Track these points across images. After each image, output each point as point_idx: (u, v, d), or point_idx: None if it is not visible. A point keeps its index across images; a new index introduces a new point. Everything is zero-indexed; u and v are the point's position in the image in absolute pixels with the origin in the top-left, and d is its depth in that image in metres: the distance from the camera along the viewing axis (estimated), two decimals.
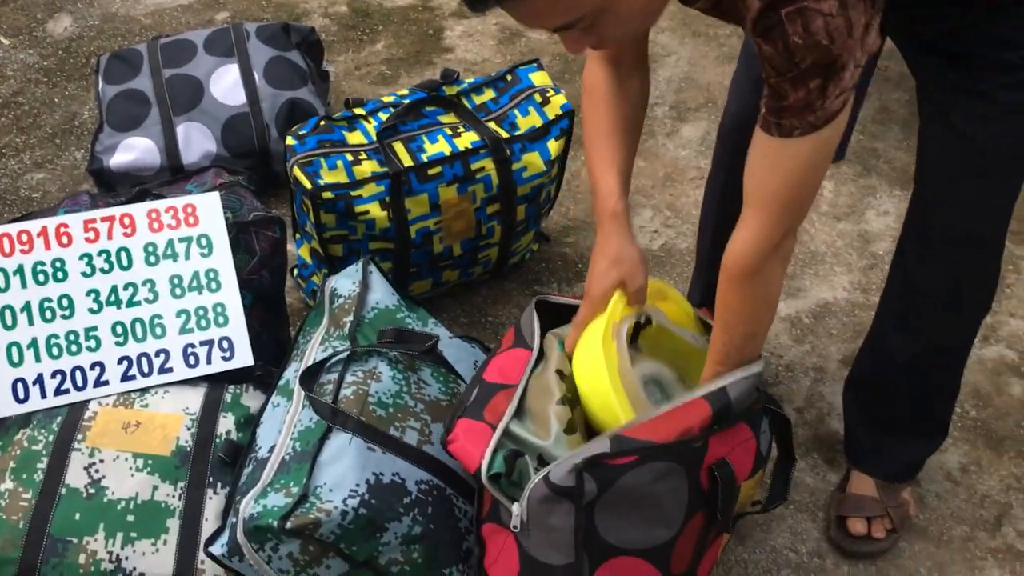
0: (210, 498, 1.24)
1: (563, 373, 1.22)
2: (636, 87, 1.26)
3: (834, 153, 1.03)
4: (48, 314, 1.35)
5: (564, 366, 1.23)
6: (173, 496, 1.23)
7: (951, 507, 1.53)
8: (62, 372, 1.34)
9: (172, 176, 1.85)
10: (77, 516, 1.20)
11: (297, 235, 1.76)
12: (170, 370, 1.37)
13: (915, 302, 1.33)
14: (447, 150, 1.63)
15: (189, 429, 1.29)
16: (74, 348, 1.35)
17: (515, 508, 1.11)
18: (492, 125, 1.69)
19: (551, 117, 1.71)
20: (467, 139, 1.65)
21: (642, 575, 1.15)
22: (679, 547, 1.17)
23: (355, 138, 1.65)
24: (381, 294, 1.43)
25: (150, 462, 1.25)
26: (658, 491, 1.12)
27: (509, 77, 1.77)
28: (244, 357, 1.40)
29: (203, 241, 1.42)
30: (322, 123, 1.66)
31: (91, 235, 1.39)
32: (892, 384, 1.41)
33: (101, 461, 1.24)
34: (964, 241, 1.25)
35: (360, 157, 1.62)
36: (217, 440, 1.28)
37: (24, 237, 1.36)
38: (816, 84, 0.93)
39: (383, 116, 1.68)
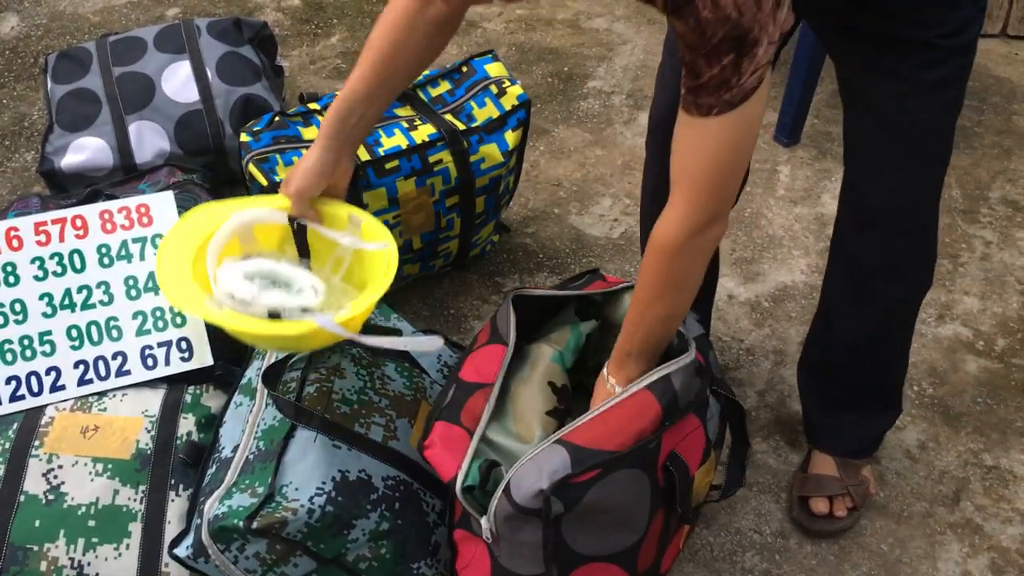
0: (172, 500, 1.23)
1: (556, 385, 1.22)
2: (432, 25, 1.23)
3: (758, 133, 1.03)
4: (0, 319, 1.33)
5: (557, 378, 1.23)
6: (134, 500, 1.22)
7: (910, 484, 1.56)
8: (17, 378, 1.31)
9: (125, 176, 1.83)
10: (37, 523, 1.19)
11: None
12: (128, 372, 1.35)
13: (858, 281, 1.35)
14: (404, 143, 1.62)
15: (149, 431, 1.27)
16: (28, 353, 1.33)
17: (484, 522, 1.11)
18: (449, 117, 1.69)
19: (508, 108, 1.71)
20: (424, 132, 1.65)
21: None
22: (645, 546, 1.18)
23: (310, 133, 1.63)
24: None
25: (110, 466, 1.23)
26: (623, 499, 1.13)
27: (465, 68, 1.76)
28: (203, 357, 1.38)
29: (157, 241, 1.40)
30: (277, 119, 1.64)
31: (42, 238, 1.36)
32: (843, 362, 1.43)
33: (60, 467, 1.23)
34: (899, 218, 1.28)
35: None
36: (178, 442, 1.27)
37: None
38: (730, 60, 0.93)
39: None
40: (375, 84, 1.25)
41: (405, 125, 1.65)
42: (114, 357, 1.35)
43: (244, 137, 1.61)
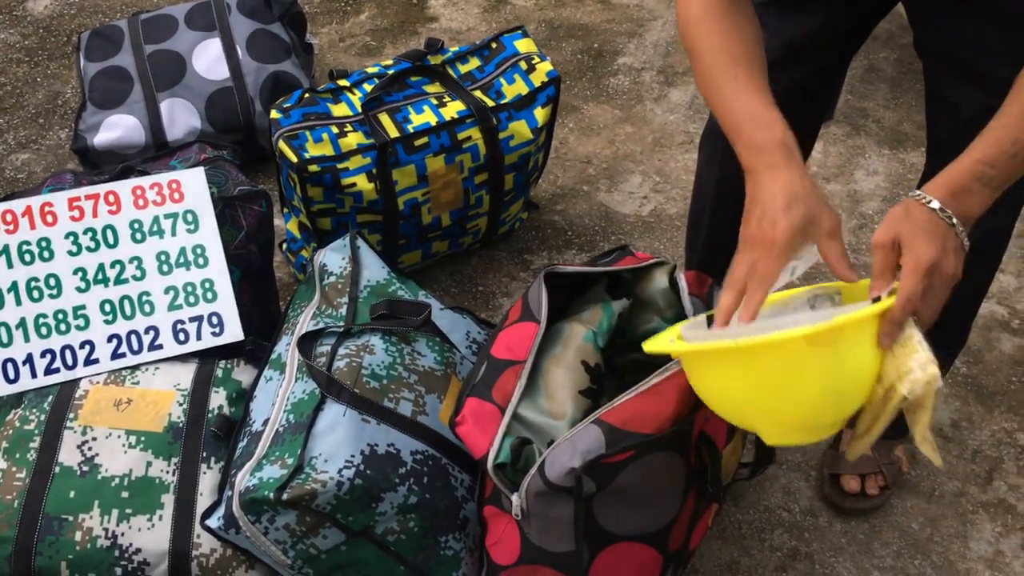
0: (204, 473, 1.24)
1: (589, 364, 1.21)
2: (749, 14, 1.08)
3: None
4: (35, 294, 1.34)
5: (591, 358, 1.21)
6: (167, 472, 1.23)
7: (943, 463, 1.54)
8: (52, 351, 1.33)
9: (157, 152, 1.84)
10: (72, 494, 1.20)
11: (284, 209, 1.75)
12: (160, 347, 1.36)
13: None
14: (433, 120, 1.62)
15: (181, 405, 1.29)
16: (63, 327, 1.34)
17: (515, 498, 1.11)
18: (478, 94, 1.68)
19: (537, 85, 1.70)
20: (453, 109, 1.64)
21: (641, 557, 1.16)
22: (676, 526, 1.18)
23: (340, 110, 1.64)
24: (372, 271, 1.42)
25: (143, 439, 1.25)
26: (657, 481, 1.13)
27: (494, 45, 1.76)
28: (234, 332, 1.39)
29: (189, 217, 1.41)
30: (306, 96, 1.64)
31: (76, 213, 1.38)
32: None
33: (94, 439, 1.24)
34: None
35: (346, 129, 1.61)
36: (209, 415, 1.28)
37: (8, 217, 1.35)
38: None
39: (368, 87, 1.66)
40: (766, 84, 1.04)
41: (434, 102, 1.65)
42: (147, 331, 1.37)
43: (274, 114, 1.61)
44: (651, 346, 1.03)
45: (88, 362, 1.34)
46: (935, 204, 0.92)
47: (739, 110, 1.01)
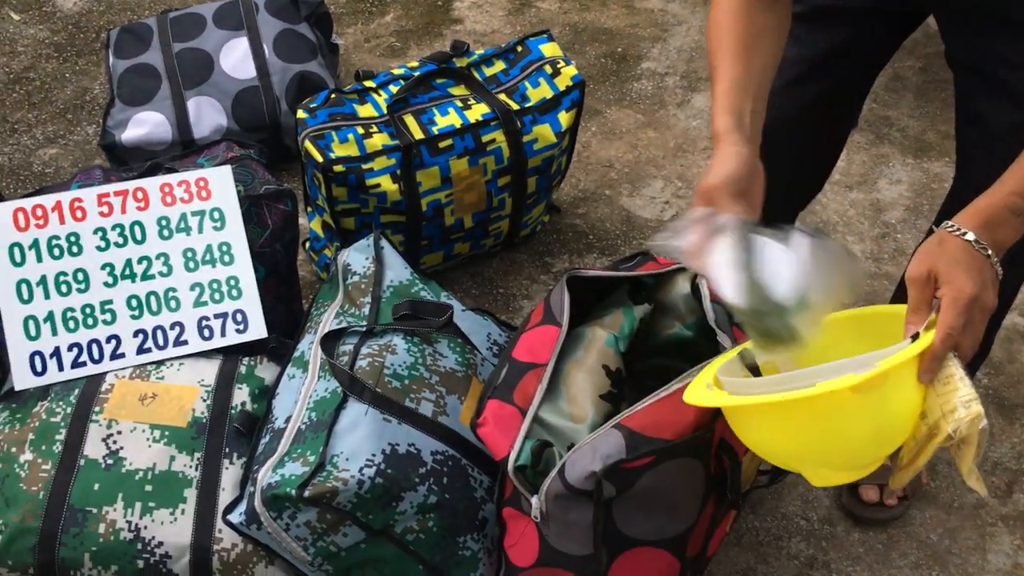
0: (226, 468, 1.25)
1: (610, 369, 1.21)
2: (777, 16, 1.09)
3: None
4: (64, 288, 1.36)
5: (612, 362, 1.22)
6: (190, 466, 1.25)
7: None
8: (79, 345, 1.35)
9: (183, 150, 1.86)
10: (96, 486, 1.22)
11: (309, 208, 1.77)
12: (185, 343, 1.38)
13: None
14: (458, 122, 1.63)
15: (205, 400, 1.30)
16: (90, 321, 1.36)
17: (534, 501, 1.12)
18: (503, 97, 1.69)
19: (562, 88, 1.70)
20: (478, 111, 1.65)
21: (659, 562, 1.17)
22: (695, 533, 1.18)
23: (366, 111, 1.65)
24: (396, 271, 1.43)
25: (167, 433, 1.26)
26: (676, 487, 1.13)
27: (519, 48, 1.76)
28: (258, 329, 1.41)
29: (216, 214, 1.43)
30: (332, 96, 1.66)
31: (105, 209, 1.39)
32: None
33: (119, 432, 1.26)
34: None
35: (371, 130, 1.62)
36: (232, 411, 1.30)
37: (39, 212, 1.37)
38: None
39: (393, 89, 1.67)
40: (748, 65, 1.05)
41: (459, 104, 1.66)
42: (172, 327, 1.38)
43: (301, 114, 1.63)
44: (691, 397, 1.02)
45: (114, 356, 1.35)
46: (970, 236, 0.91)
47: (715, 95, 1.06)
